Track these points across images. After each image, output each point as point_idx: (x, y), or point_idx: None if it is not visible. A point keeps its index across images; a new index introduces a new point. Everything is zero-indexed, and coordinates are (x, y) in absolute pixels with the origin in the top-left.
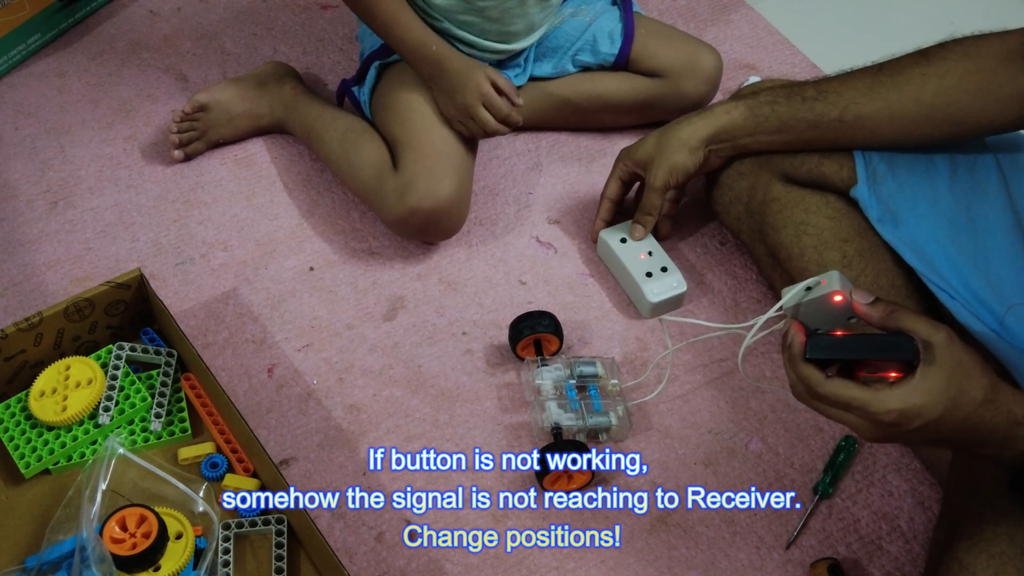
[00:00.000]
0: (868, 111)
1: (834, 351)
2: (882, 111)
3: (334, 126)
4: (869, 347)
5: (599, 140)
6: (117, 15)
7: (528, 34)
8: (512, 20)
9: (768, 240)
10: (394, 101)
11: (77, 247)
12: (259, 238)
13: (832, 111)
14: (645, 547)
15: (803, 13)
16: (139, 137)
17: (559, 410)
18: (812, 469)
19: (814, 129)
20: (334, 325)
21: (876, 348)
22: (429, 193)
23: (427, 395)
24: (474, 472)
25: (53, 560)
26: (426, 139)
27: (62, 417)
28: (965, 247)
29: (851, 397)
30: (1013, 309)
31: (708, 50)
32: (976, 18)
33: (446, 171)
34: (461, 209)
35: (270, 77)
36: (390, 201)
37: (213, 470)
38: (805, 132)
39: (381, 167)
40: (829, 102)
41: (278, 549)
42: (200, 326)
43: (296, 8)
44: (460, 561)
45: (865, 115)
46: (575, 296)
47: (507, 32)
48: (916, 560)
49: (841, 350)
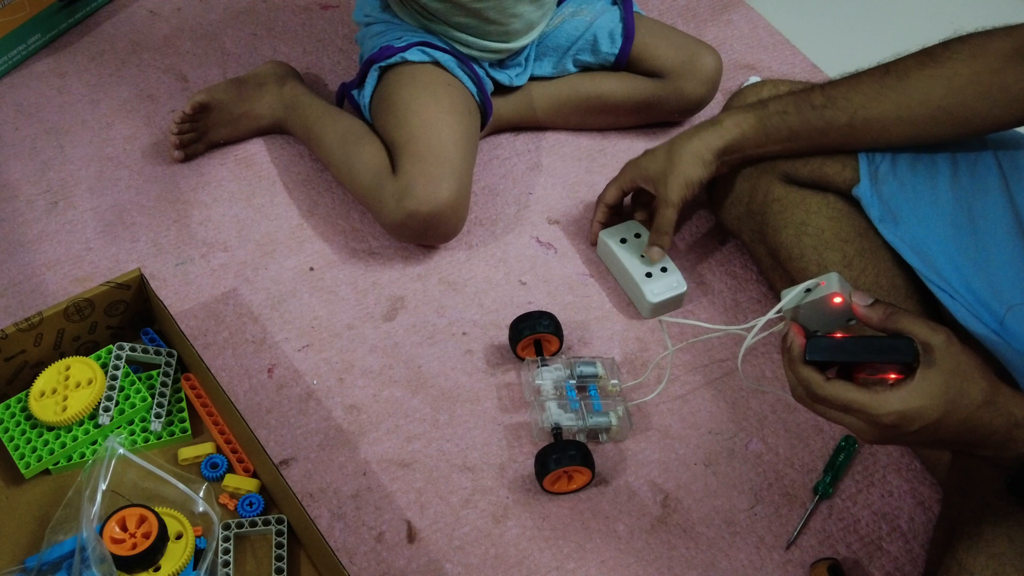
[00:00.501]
0: (877, 115)
1: (833, 353)
2: (891, 114)
3: (334, 128)
4: (868, 349)
5: (599, 140)
6: (117, 15)
7: (527, 32)
8: (509, 20)
9: (768, 240)
10: (393, 104)
11: (77, 247)
12: (259, 238)
13: (842, 117)
14: (645, 547)
15: (803, 13)
16: (139, 137)
17: (559, 410)
18: (812, 469)
19: (824, 136)
20: (334, 325)
21: (875, 350)
22: (427, 197)
23: (427, 395)
24: (474, 472)
25: (53, 560)
26: (424, 143)
27: (62, 417)
28: (966, 247)
29: (850, 399)
30: (1013, 310)
31: (708, 50)
32: (976, 17)
33: (444, 175)
34: (460, 212)
35: (270, 77)
36: (389, 205)
37: (213, 470)
38: (815, 139)
39: (380, 171)
40: (839, 108)
41: (278, 549)
42: (200, 326)
43: (296, 8)
44: (460, 561)
45: (874, 119)
46: (575, 296)
47: (506, 32)
48: (916, 560)
49: (840, 352)
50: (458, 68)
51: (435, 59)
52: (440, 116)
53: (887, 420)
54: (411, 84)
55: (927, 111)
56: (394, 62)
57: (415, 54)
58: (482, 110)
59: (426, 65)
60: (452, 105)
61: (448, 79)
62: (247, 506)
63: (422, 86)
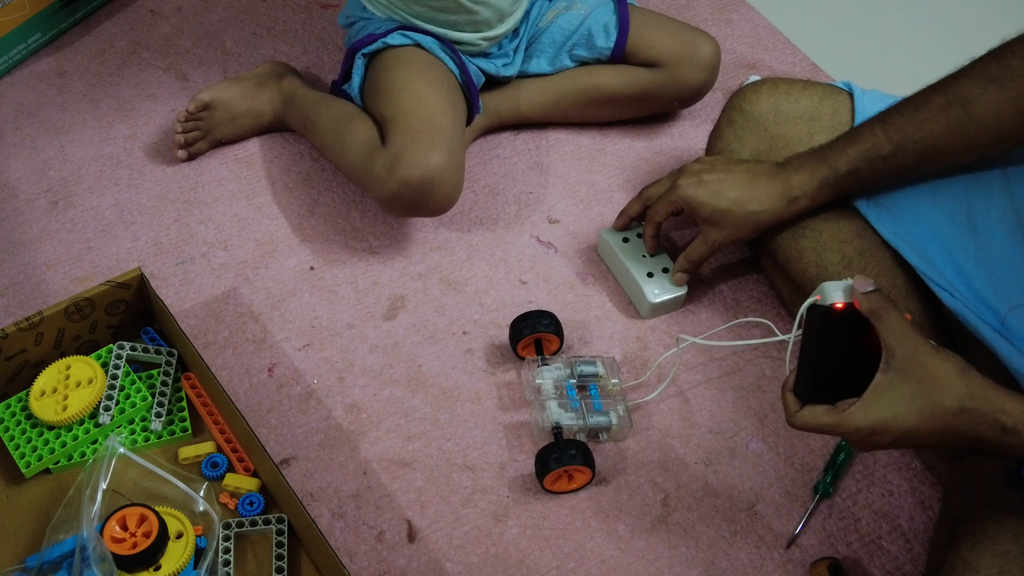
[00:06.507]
0: (951, 148)
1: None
2: (963, 144)
3: (328, 112)
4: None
5: (599, 139)
6: (117, 15)
7: (500, 21)
8: (476, 8)
9: (767, 241)
10: (380, 85)
11: (78, 246)
12: (259, 237)
13: (913, 160)
14: (646, 546)
15: (803, 12)
16: (139, 136)
17: (559, 409)
18: (812, 469)
19: (896, 178)
20: (334, 324)
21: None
22: (418, 163)
23: (427, 395)
24: (474, 471)
25: (54, 559)
26: (413, 113)
27: (62, 416)
28: (965, 245)
29: (820, 424)
30: (1015, 310)
31: (705, 37)
32: (976, 18)
33: (435, 141)
34: (454, 179)
35: (270, 75)
36: (380, 175)
37: (213, 469)
38: (887, 184)
39: (371, 145)
40: (909, 153)
41: (278, 549)
42: (200, 325)
43: (296, 8)
44: (460, 561)
45: (948, 152)
46: (575, 296)
47: (475, 21)
48: (916, 559)
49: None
50: (440, 50)
51: (416, 41)
52: (426, 89)
53: (859, 436)
54: (396, 65)
55: (1001, 135)
56: (377, 48)
57: (396, 38)
58: (466, 93)
59: (408, 47)
60: (436, 79)
61: (430, 59)
62: (247, 505)
63: (405, 65)
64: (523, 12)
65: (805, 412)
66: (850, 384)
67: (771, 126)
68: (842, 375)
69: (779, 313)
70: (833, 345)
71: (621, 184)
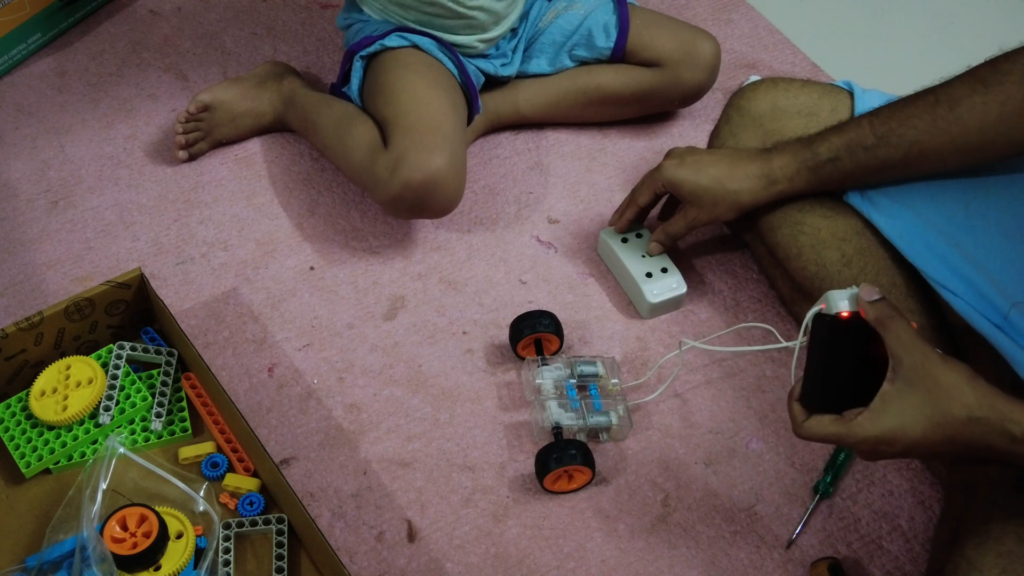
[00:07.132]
0: (932, 147)
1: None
2: (946, 145)
3: (329, 113)
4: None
5: (599, 139)
6: (117, 15)
7: (497, 22)
8: (471, 12)
9: (766, 239)
10: (380, 87)
11: (78, 246)
12: (259, 238)
13: (896, 154)
14: (645, 546)
15: (803, 12)
16: (139, 136)
17: (560, 409)
18: (813, 468)
19: (879, 173)
20: (334, 325)
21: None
22: (420, 165)
23: (427, 395)
24: (474, 471)
25: (54, 559)
26: (414, 114)
27: (63, 416)
28: (964, 243)
29: (827, 433)
30: (1018, 306)
31: (705, 36)
32: (976, 18)
33: (436, 142)
34: (456, 181)
35: (270, 76)
36: (382, 178)
37: (214, 469)
38: (869, 177)
39: (373, 147)
40: (892, 145)
41: (278, 549)
42: (200, 325)
43: (296, 8)
44: (460, 561)
45: (930, 151)
46: (575, 296)
47: (470, 25)
48: (917, 559)
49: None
50: (438, 50)
51: (414, 43)
52: (427, 90)
53: (865, 446)
54: (395, 67)
55: (984, 138)
56: (375, 50)
57: (394, 39)
58: (466, 93)
59: (406, 49)
60: (436, 80)
61: (429, 60)
62: (247, 505)
63: (405, 66)
64: (519, 13)
65: (812, 422)
66: (857, 393)
67: (768, 122)
68: (849, 384)
69: (779, 313)
70: (839, 355)
71: (621, 184)
